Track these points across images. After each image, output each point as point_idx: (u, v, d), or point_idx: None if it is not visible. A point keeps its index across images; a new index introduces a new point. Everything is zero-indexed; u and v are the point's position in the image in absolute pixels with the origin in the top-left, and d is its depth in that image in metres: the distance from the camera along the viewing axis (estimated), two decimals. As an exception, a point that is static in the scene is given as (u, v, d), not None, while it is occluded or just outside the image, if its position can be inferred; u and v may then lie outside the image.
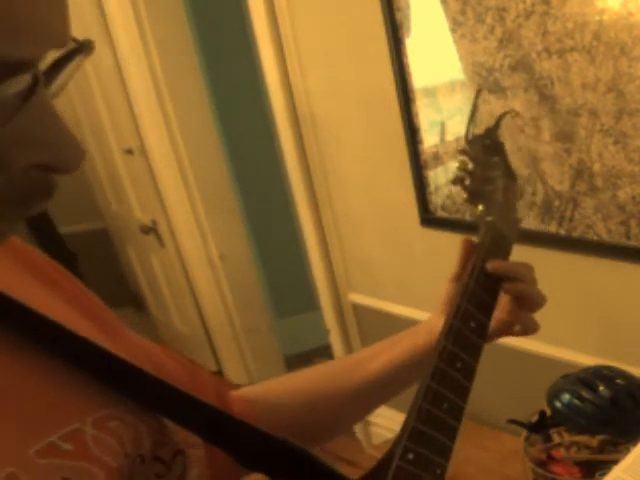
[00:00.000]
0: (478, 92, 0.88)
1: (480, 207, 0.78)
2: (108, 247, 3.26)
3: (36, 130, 0.33)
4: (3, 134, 0.32)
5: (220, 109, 2.76)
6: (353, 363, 0.79)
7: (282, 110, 1.90)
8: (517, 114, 1.33)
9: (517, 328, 0.74)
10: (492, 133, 0.81)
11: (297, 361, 3.11)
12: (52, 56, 0.34)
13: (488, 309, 0.71)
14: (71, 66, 0.35)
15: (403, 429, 0.60)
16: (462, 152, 0.79)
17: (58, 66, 0.34)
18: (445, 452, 0.61)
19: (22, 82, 0.32)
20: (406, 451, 0.59)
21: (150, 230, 2.80)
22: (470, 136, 0.80)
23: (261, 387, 0.77)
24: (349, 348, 2.19)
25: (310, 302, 2.92)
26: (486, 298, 0.71)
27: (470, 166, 0.79)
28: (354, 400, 0.77)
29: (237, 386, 0.75)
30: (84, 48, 0.35)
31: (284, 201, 2.77)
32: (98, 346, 0.47)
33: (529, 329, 0.74)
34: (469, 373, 0.66)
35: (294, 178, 2.00)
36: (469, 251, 0.75)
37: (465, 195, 0.79)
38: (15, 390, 0.42)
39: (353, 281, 2.07)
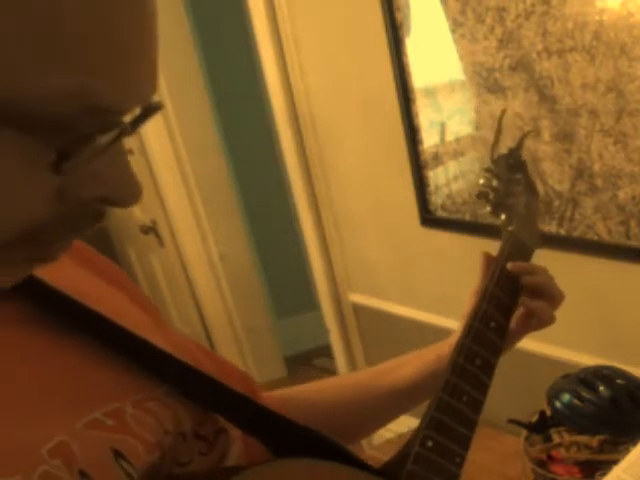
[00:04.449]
0: (502, 113, 0.93)
1: (502, 217, 0.83)
2: (108, 247, 3.26)
3: (108, 169, 0.38)
4: (82, 171, 0.36)
5: (220, 109, 2.77)
6: (378, 372, 0.80)
7: (282, 110, 1.90)
8: (537, 134, 1.38)
9: (534, 321, 0.76)
10: (515, 153, 0.87)
11: (297, 361, 3.11)
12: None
13: (508, 311, 0.74)
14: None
15: (423, 419, 0.62)
16: (487, 170, 0.85)
17: (138, 121, 0.38)
18: (464, 442, 0.63)
19: (114, 133, 0.36)
20: (425, 439, 0.61)
21: (150, 230, 2.80)
22: (495, 156, 0.85)
23: (291, 390, 0.79)
24: (349, 348, 2.19)
25: (310, 302, 2.92)
26: (506, 301, 0.74)
27: (494, 183, 0.84)
28: (377, 408, 0.78)
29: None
30: (158, 109, 0.39)
31: (284, 201, 2.77)
32: (132, 332, 0.49)
33: (545, 320, 0.75)
34: (488, 370, 0.69)
35: (294, 178, 2.00)
36: (489, 263, 0.78)
37: (489, 208, 0.84)
38: (60, 372, 0.45)
39: (353, 281, 2.07)
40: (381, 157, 1.77)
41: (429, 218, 1.71)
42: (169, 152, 2.54)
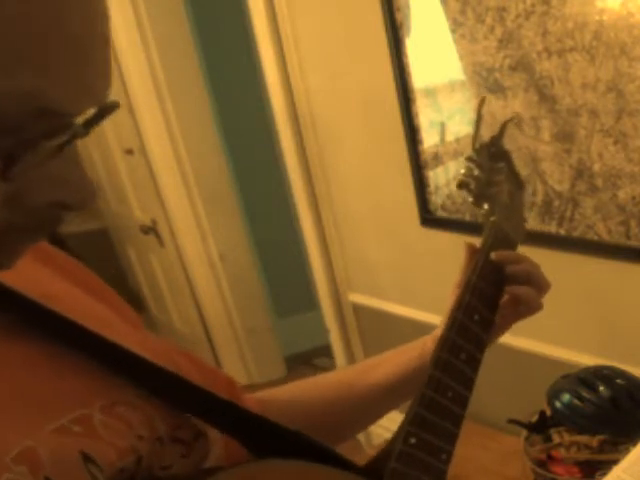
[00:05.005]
0: (481, 100, 0.88)
1: (485, 207, 0.80)
2: (108, 247, 3.26)
3: (60, 172, 0.37)
4: (32, 175, 0.35)
5: (220, 109, 2.76)
6: (361, 370, 0.79)
7: (282, 110, 1.90)
8: (520, 119, 1.35)
9: (522, 307, 0.74)
10: (497, 141, 0.84)
11: (297, 361, 3.11)
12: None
13: (492, 303, 0.72)
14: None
15: (406, 415, 0.61)
16: (469, 159, 0.81)
17: (92, 122, 0.38)
18: (450, 438, 0.62)
19: (65, 136, 0.36)
20: (409, 436, 0.60)
21: (150, 230, 2.80)
22: (477, 144, 0.82)
23: (271, 391, 0.78)
24: (349, 348, 2.19)
25: (310, 302, 2.92)
26: (490, 292, 0.71)
27: (476, 172, 0.81)
28: (361, 406, 0.77)
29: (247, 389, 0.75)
30: (113, 109, 0.38)
31: (284, 201, 2.77)
32: (103, 336, 0.48)
33: (533, 307, 0.73)
34: (474, 364, 0.67)
35: (294, 178, 2.00)
36: (473, 255, 0.76)
37: (471, 198, 0.81)
38: (28, 379, 0.44)
39: (353, 281, 2.07)
40: (381, 157, 1.77)
41: (429, 218, 1.71)
42: (169, 152, 2.54)
